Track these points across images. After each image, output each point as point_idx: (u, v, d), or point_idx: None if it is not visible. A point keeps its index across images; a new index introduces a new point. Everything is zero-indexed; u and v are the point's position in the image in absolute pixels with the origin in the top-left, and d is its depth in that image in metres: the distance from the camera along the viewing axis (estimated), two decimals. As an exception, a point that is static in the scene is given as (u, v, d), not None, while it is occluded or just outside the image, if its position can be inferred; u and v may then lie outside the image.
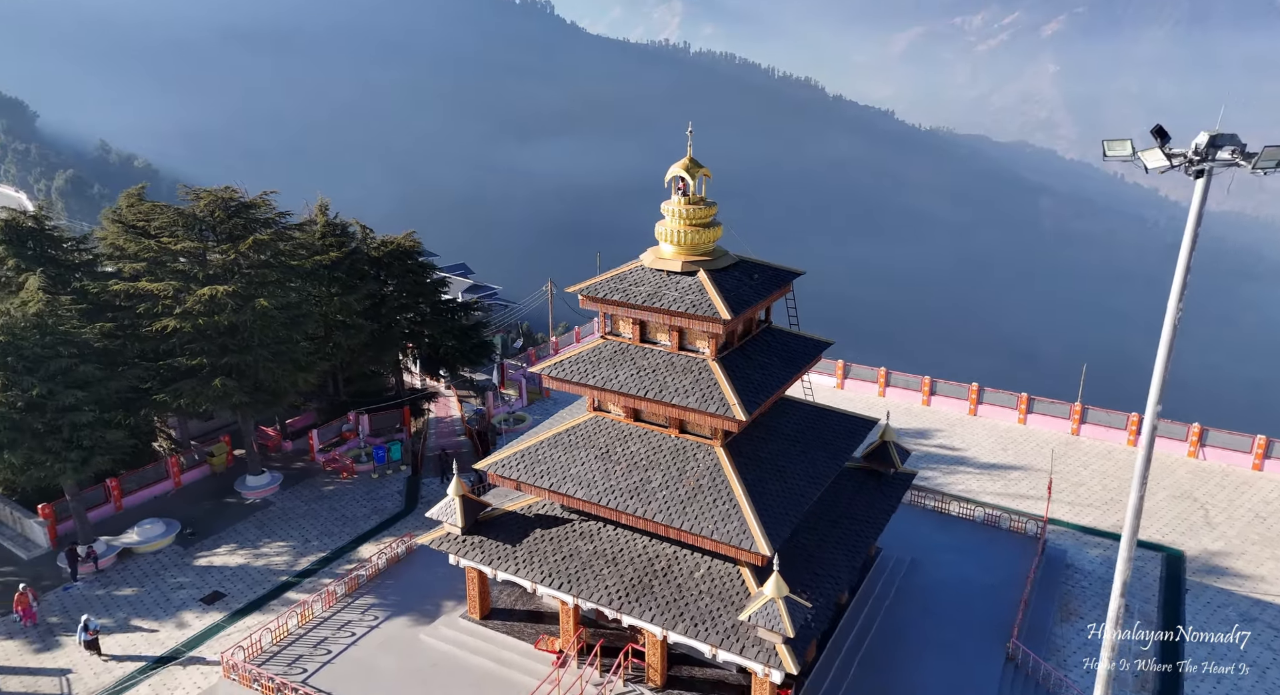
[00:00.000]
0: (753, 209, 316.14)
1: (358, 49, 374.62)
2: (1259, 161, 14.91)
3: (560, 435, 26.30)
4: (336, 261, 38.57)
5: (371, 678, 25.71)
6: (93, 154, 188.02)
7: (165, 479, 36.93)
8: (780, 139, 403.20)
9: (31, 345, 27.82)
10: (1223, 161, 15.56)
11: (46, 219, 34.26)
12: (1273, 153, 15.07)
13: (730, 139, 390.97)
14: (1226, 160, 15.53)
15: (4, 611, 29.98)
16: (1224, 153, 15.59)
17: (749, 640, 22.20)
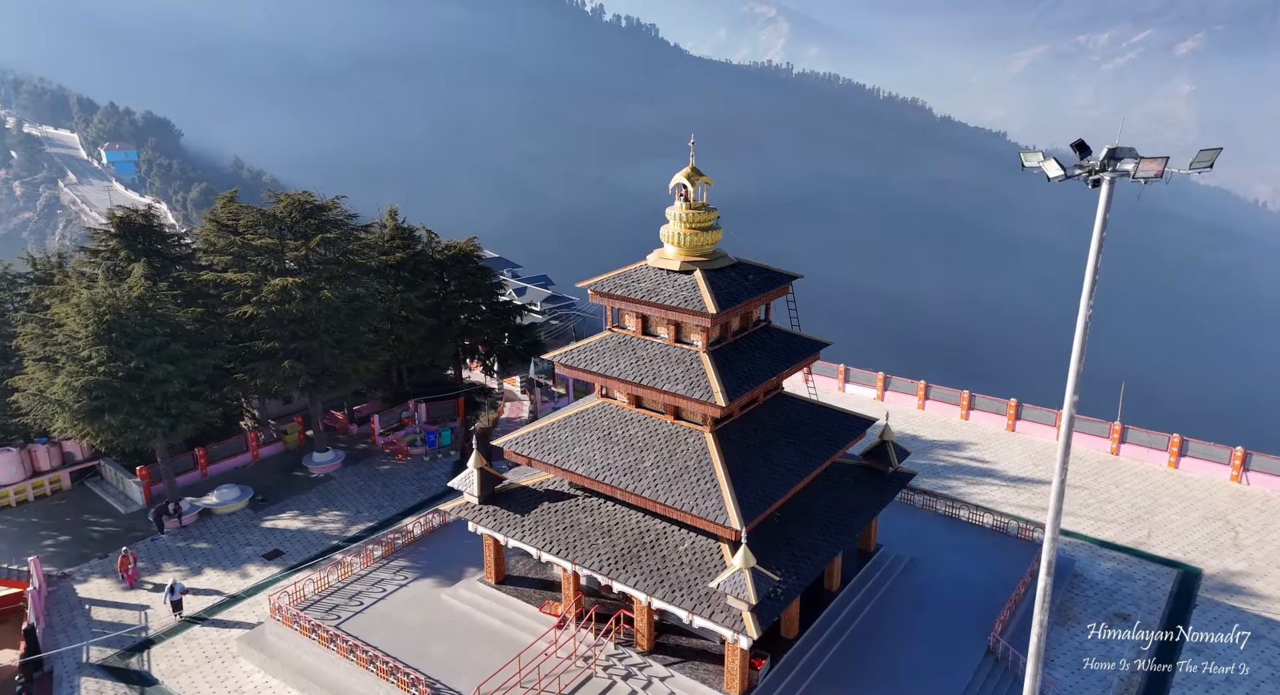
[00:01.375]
0: (851, 229, 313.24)
1: (473, 74, 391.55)
2: (1136, 172, 16.45)
3: (570, 418, 29.03)
4: (401, 261, 42.70)
5: (395, 628, 28.86)
6: (227, 170, 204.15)
7: (245, 452, 41.63)
8: (883, 159, 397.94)
9: (133, 324, 32.55)
10: (1121, 171, 17.11)
11: (154, 217, 39.60)
12: (1149, 164, 16.58)
13: (832, 159, 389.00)
14: (1123, 170, 17.08)
15: (102, 554, 34.78)
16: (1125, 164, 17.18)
17: (719, 607, 24.20)
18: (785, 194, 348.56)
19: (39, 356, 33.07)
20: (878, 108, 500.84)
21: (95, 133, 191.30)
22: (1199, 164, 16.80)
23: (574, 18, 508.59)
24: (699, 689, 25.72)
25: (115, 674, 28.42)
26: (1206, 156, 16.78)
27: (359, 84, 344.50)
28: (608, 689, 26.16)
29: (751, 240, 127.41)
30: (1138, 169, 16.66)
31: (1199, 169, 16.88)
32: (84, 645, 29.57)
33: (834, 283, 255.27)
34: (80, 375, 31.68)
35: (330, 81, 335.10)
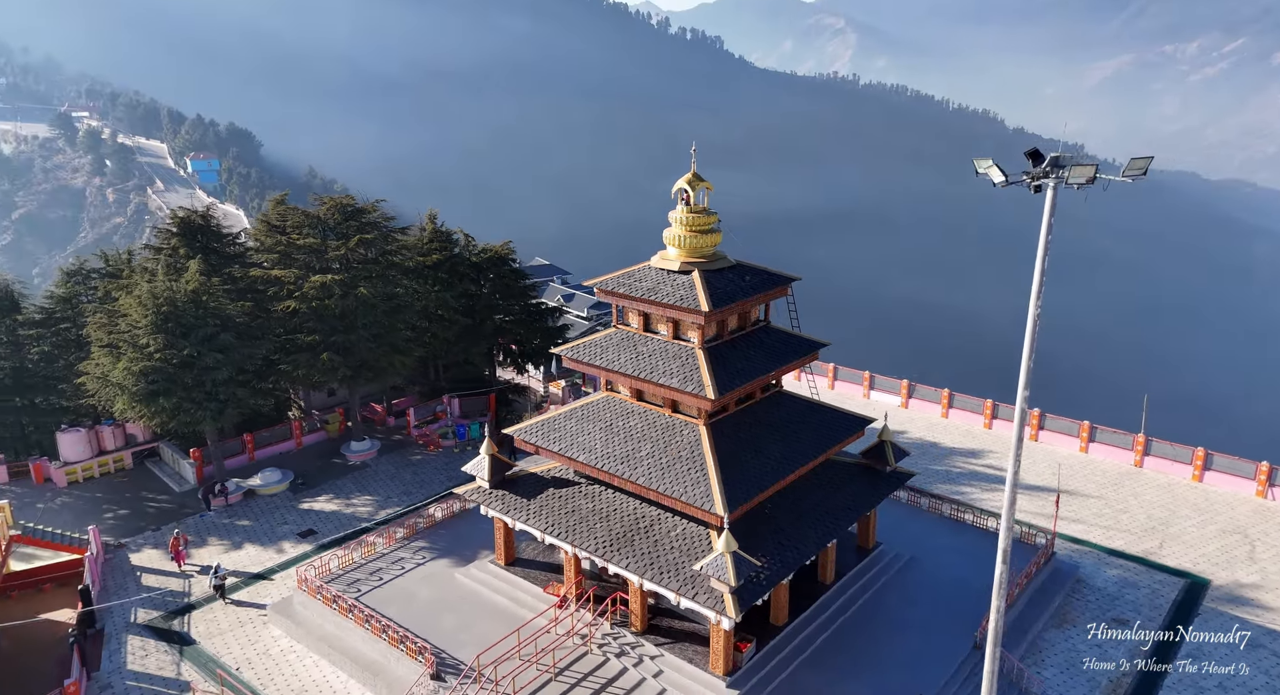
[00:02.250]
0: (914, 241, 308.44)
1: (537, 86, 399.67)
2: (1069, 177, 17.47)
3: (576, 410, 30.77)
4: (438, 263, 45.18)
5: (410, 602, 30.92)
6: (301, 178, 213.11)
7: (289, 439, 44.51)
8: (949, 171, 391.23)
9: (187, 315, 35.55)
10: (1059, 178, 18.11)
11: (212, 218, 42.88)
12: (1081, 171, 17.58)
13: (896, 171, 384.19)
14: (1058, 178, 18.08)
15: (155, 527, 37.82)
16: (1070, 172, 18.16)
17: (703, 588, 25.53)
18: (847, 205, 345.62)
19: (104, 343, 36.35)
20: (946, 119, 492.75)
21: (182, 143, 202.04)
22: (1131, 172, 17.76)
23: (639, 30, 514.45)
24: (686, 668, 27.04)
25: (158, 634, 31.13)
26: (1138, 164, 17.70)
27: (427, 95, 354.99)
28: (601, 665, 27.69)
29: (809, 250, 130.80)
30: (1070, 175, 17.63)
31: (1132, 177, 17.81)
32: (132, 607, 32.41)
33: (894, 295, 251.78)
34: (139, 361, 34.77)
35: (401, 93, 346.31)
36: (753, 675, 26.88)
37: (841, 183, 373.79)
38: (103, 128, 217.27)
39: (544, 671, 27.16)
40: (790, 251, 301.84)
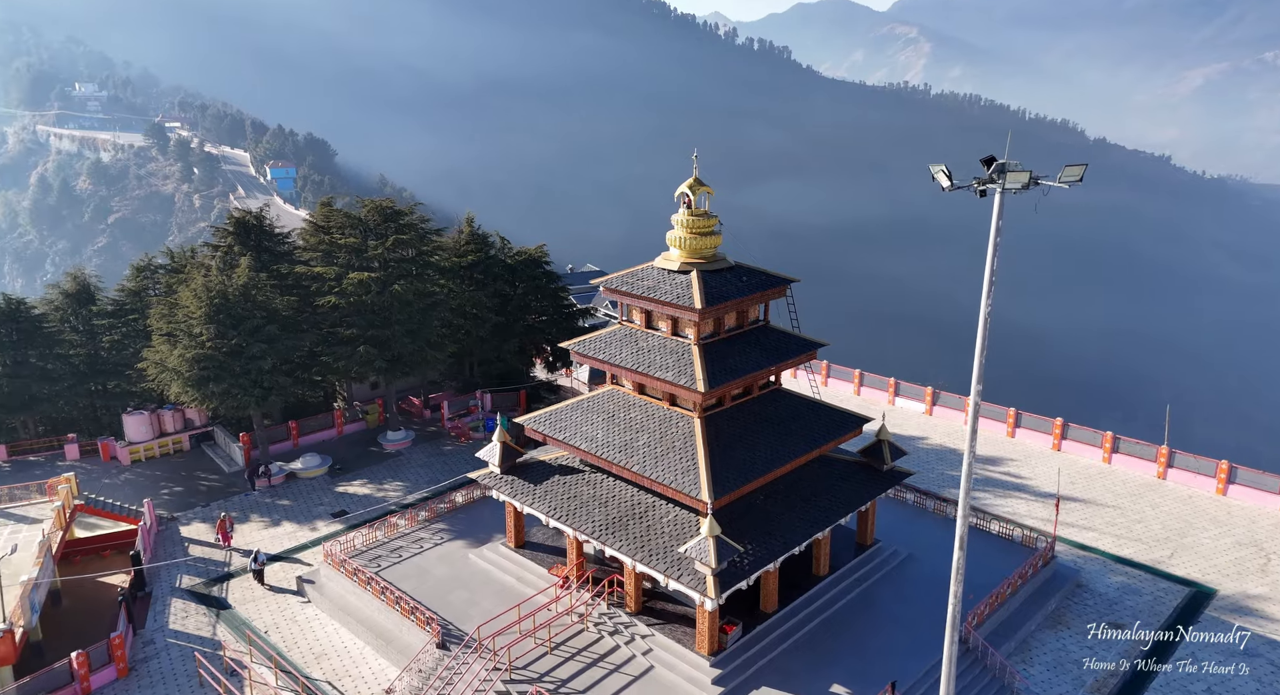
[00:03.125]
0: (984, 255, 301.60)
1: (601, 97, 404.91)
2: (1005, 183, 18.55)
3: (582, 401, 32.56)
4: (473, 264, 47.61)
5: (424, 578, 33.05)
6: (373, 185, 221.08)
7: (331, 427, 47.42)
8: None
9: (237, 307, 38.60)
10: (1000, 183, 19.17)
11: (264, 219, 46.21)
12: (1017, 177, 18.65)
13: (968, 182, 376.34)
14: (1007, 184, 19.14)
15: (204, 504, 40.97)
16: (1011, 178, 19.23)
17: (688, 571, 26.96)
18: (916, 217, 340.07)
19: (163, 332, 39.69)
20: (1022, 129, 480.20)
21: (263, 152, 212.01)
22: (1067, 178, 18.74)
23: (706, 41, 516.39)
24: (673, 647, 28.47)
25: (199, 598, 33.97)
26: (1073, 172, 18.69)
27: (495, 106, 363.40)
28: (594, 642, 29.33)
29: (876, 262, 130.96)
30: (1006, 180, 18.68)
31: (1068, 183, 18.79)
32: (178, 574, 35.38)
33: (964, 310, 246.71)
34: (192, 348, 37.92)
35: (469, 104, 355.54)
36: (736, 657, 28.14)
37: (910, 194, 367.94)
38: (192, 137, 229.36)
39: (540, 645, 28.92)
40: (856, 263, 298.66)
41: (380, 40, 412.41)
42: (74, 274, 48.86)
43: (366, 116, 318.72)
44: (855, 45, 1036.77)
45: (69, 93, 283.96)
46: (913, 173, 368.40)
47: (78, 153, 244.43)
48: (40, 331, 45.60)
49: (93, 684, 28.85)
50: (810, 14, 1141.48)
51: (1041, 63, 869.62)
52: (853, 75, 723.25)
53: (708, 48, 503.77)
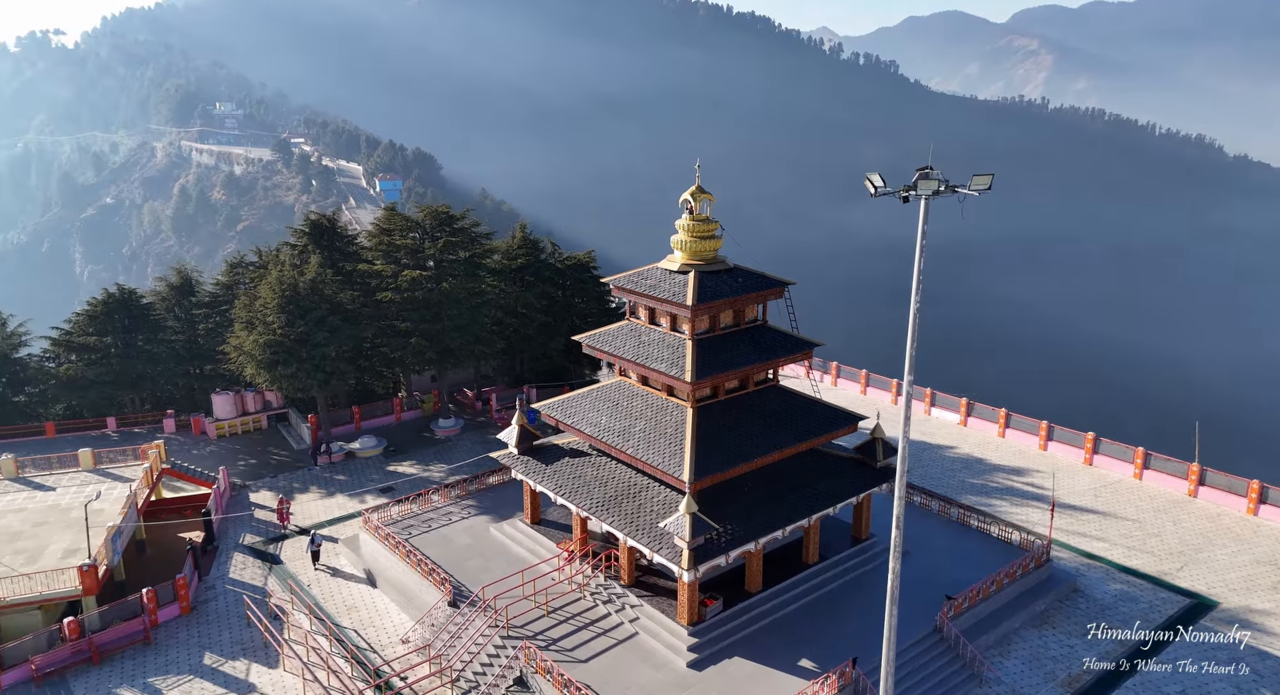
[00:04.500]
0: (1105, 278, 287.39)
1: (703, 113, 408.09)
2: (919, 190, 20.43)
3: (592, 391, 35.43)
4: (523, 266, 51.27)
5: (448, 547, 36.47)
6: (474, 199, 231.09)
7: (390, 414, 51.89)
8: (1150, 203, 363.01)
9: (305, 299, 43.31)
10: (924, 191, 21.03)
11: (336, 221, 51.18)
12: (928, 184, 20.51)
13: (1087, 201, 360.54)
14: (926, 191, 21.00)
15: (272, 476, 45.83)
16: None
17: (668, 545, 29.34)
18: (1029, 236, 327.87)
19: (243, 320, 44.86)
20: (1150, 145, 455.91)
21: (374, 165, 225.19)
22: (976, 187, 20.44)
23: (810, 56, 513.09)
24: (657, 616, 30.84)
25: (256, 553, 38.48)
26: (981, 181, 20.40)
27: (597, 123, 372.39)
28: (588, 609, 32.01)
29: (986, 282, 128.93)
30: (916, 188, 20.52)
31: (978, 191, 20.49)
32: (243, 532, 40.07)
33: (1082, 336, 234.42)
34: (265, 335, 42.82)
35: (572, 121, 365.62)
36: (713, 629, 30.25)
37: (1024, 212, 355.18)
38: (313, 152, 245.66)
39: (538, 607, 31.80)
40: (961, 283, 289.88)
41: (491, 62, 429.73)
42: (178, 268, 55.30)
43: (474, 133, 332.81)
44: (970, 58, 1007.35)
45: (210, 111, 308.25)
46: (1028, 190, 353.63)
47: (214, 166, 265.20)
48: (147, 319, 51.92)
49: (160, 618, 33.44)
50: (922, 27, 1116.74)
51: (1178, 76, 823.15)
52: (965, 89, 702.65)
53: (811, 63, 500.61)
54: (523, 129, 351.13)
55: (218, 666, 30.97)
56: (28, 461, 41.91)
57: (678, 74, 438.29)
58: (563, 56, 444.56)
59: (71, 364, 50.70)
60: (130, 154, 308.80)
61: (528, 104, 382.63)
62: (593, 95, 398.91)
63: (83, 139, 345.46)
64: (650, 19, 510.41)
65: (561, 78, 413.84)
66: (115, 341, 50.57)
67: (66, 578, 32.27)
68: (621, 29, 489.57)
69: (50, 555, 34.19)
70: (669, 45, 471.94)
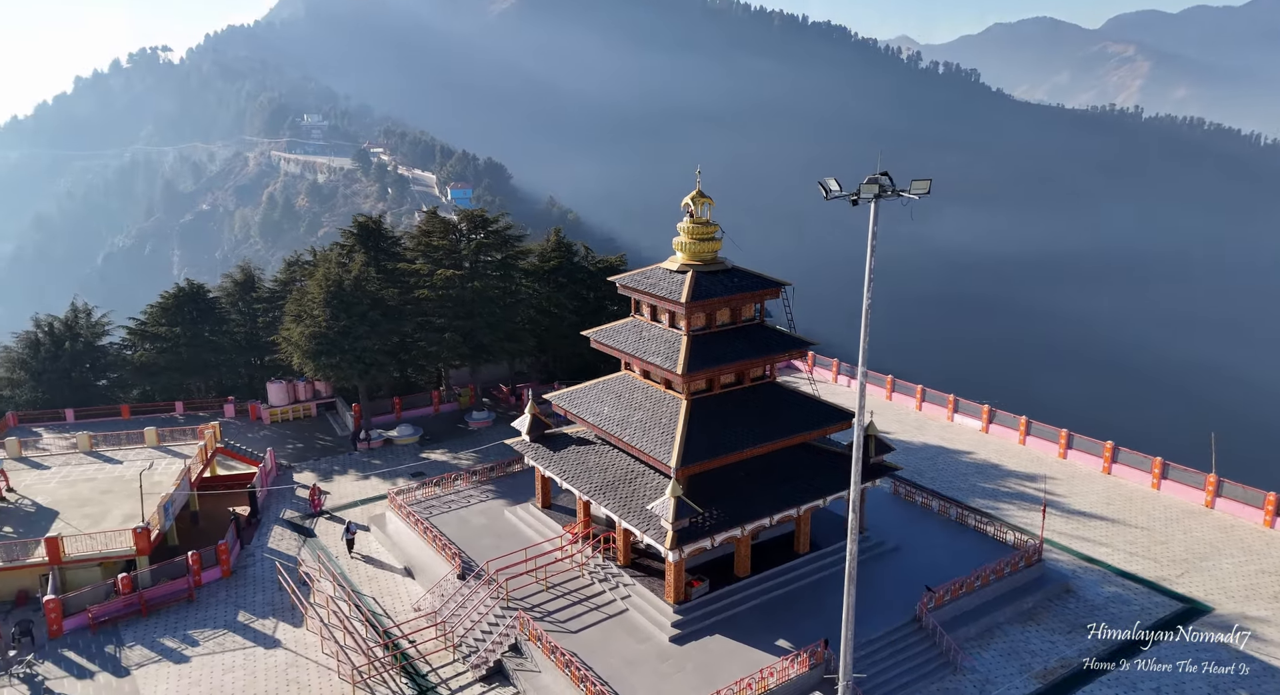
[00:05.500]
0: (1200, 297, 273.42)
1: (776, 124, 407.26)
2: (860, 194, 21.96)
3: (599, 383, 37.57)
4: (556, 268, 53.82)
5: (463, 526, 39.03)
6: (541, 207, 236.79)
7: (428, 405, 55.03)
8: (1253, 218, 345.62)
9: (348, 295, 46.73)
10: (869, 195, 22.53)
11: (381, 223, 54.71)
12: (870, 188, 21.98)
13: (1179, 214, 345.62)
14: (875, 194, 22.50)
15: (315, 458, 49.31)
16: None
17: (655, 527, 31.19)
18: (1119, 250, 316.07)
19: (293, 313, 48.58)
20: (1255, 157, 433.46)
21: (447, 174, 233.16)
22: (916, 191, 21.85)
23: (886, 65, 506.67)
24: (647, 595, 32.71)
25: (293, 527, 41.83)
26: (920, 185, 21.79)
27: (667, 133, 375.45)
28: (585, 586, 34.11)
29: (1071, 299, 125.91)
30: (860, 192, 22.03)
31: (918, 195, 21.90)
32: (284, 508, 43.52)
33: (1177, 356, 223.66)
34: (311, 327, 46.38)
35: (643, 131, 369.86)
36: (698, 608, 31.96)
37: (1113, 226, 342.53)
38: (390, 161, 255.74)
39: (537, 582, 34.02)
40: (1038, 297, 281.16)
41: (567, 73, 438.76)
42: (243, 265, 59.83)
43: (545, 143, 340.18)
44: (1060, 66, 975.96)
45: (298, 123, 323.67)
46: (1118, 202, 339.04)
47: (300, 174, 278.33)
48: (213, 311, 56.44)
49: (203, 578, 36.90)
50: (1009, 34, 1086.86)
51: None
52: (1053, 98, 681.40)
53: (888, 72, 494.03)
54: (595, 139, 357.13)
55: (249, 623, 34.11)
56: (100, 438, 46.39)
57: (752, 84, 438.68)
58: (637, 68, 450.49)
59: (145, 351, 55.50)
60: (225, 163, 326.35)
61: (601, 115, 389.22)
62: (666, 106, 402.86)
63: (184, 149, 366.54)
64: (725, 30, 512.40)
65: (635, 89, 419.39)
66: (184, 331, 55.16)
67: (123, 539, 36.01)
68: (696, 40, 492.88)
69: (112, 519, 38.11)
70: (743, 56, 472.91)
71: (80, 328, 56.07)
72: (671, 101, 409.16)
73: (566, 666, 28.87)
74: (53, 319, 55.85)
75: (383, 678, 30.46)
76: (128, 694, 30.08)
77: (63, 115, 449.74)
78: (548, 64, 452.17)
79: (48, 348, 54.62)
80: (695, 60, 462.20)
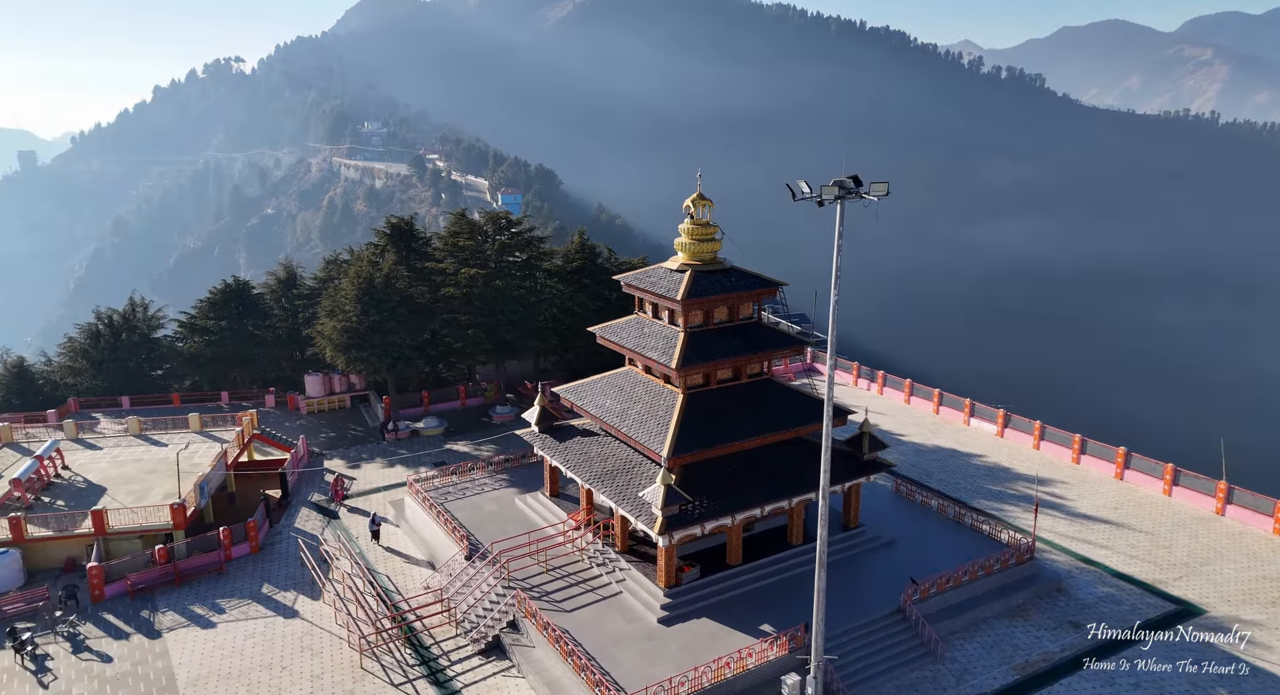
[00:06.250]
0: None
1: (830, 130, 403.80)
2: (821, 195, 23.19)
3: (603, 377, 39.20)
4: (579, 269, 55.67)
5: (476, 512, 40.97)
6: (590, 213, 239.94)
7: (456, 400, 57.34)
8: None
9: (378, 292, 49.25)
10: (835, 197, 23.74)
11: (412, 224, 57.28)
12: (829, 189, 23.17)
13: (1258, 225, 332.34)
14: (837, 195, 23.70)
15: (345, 447, 51.89)
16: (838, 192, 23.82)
17: (646, 513, 32.63)
18: (1193, 262, 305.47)
19: (327, 309, 51.32)
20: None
21: (498, 179, 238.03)
22: (875, 193, 22.98)
23: (946, 71, 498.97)
24: (641, 579, 34.14)
25: (319, 509, 44.31)
26: (880, 188, 22.91)
27: (720, 140, 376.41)
28: (583, 569, 35.70)
29: (1127, 309, 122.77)
30: (821, 193, 23.23)
31: (877, 196, 23.02)
32: (311, 491, 46.09)
33: (1261, 374, 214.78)
34: (342, 322, 49.00)
35: (694, 139, 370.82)
36: (688, 593, 33.28)
37: (1187, 236, 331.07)
38: (444, 168, 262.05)
39: (538, 564, 35.73)
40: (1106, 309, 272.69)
41: (620, 81, 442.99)
42: (286, 264, 63.12)
43: (597, 150, 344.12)
44: (1131, 70, 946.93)
45: (359, 130, 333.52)
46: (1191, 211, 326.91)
47: (359, 180, 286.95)
48: (257, 307, 59.73)
49: (233, 553, 39.48)
50: (1078, 38, 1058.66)
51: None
52: (1124, 103, 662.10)
53: (947, 77, 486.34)
54: (646, 146, 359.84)
55: (272, 595, 36.51)
56: (149, 423, 49.67)
57: (805, 90, 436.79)
58: (689, 75, 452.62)
59: (194, 343, 59.02)
60: (290, 169, 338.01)
61: (653, 122, 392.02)
62: (717, 113, 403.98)
63: (252, 155, 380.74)
64: (778, 36, 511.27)
65: (688, 96, 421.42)
66: (229, 325, 58.52)
67: (161, 514, 38.81)
68: (749, 47, 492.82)
69: (153, 496, 41.01)
70: (796, 62, 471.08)
71: (137, 321, 59.89)
72: (723, 108, 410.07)
73: (557, 642, 30.45)
74: (112, 312, 59.77)
75: (388, 647, 32.45)
76: (158, 654, 32.57)
77: (143, 123, 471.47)
78: (601, 71, 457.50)
79: (107, 339, 58.50)
80: (747, 67, 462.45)
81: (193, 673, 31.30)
